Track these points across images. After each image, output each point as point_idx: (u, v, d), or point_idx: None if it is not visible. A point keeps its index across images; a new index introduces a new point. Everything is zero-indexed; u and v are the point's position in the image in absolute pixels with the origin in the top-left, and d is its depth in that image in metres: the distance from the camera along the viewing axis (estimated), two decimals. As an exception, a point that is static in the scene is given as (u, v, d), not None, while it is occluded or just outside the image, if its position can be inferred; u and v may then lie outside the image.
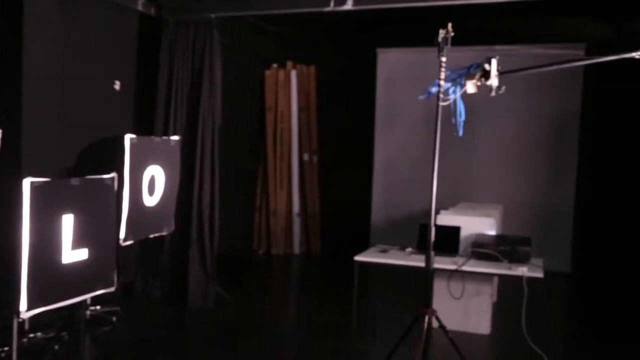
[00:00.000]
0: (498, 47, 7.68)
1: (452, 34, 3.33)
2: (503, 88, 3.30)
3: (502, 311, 5.08)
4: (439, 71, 3.35)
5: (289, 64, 8.30)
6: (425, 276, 3.38)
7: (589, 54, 7.15)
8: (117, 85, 5.66)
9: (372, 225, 8.15)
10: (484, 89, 3.45)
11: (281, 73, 8.25)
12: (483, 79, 3.27)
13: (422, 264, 4.52)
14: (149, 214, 2.95)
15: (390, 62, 8.12)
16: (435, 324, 3.42)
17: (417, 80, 8.08)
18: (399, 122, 8.07)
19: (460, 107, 3.45)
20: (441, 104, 3.36)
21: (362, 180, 8.17)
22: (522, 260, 4.37)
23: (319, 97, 8.36)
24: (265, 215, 8.23)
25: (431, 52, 8.25)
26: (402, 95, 8.02)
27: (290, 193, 8.23)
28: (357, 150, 8.30)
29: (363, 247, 8.04)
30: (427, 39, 8.30)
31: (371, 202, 8.15)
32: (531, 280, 4.14)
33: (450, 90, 3.38)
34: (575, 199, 7.41)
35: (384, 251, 4.82)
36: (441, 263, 4.47)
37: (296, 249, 8.21)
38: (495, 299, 5.12)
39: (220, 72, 5.62)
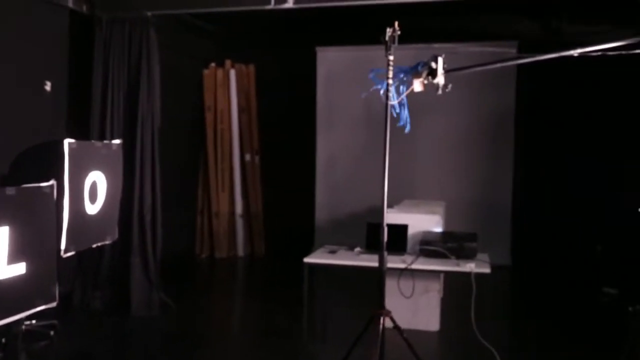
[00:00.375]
0: (436, 45, 7.79)
1: (399, 32, 3.29)
2: (449, 86, 3.32)
3: (448, 307, 5.14)
4: (387, 70, 3.31)
5: (228, 63, 8.16)
6: (379, 276, 3.35)
7: (521, 52, 7.38)
8: (47, 86, 5.37)
9: (316, 225, 8.12)
10: (430, 87, 3.46)
11: (220, 72, 8.09)
12: (430, 77, 3.26)
13: (372, 264, 4.55)
14: (91, 222, 2.80)
15: (330, 60, 8.11)
16: (389, 324, 3.41)
17: (357, 79, 8.07)
18: (340, 121, 8.07)
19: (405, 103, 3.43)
20: (391, 103, 3.32)
21: (305, 179, 8.13)
22: (469, 256, 4.43)
23: (259, 96, 8.26)
24: (208, 217, 8.05)
25: (370, 50, 8.31)
26: (343, 94, 8.03)
27: (232, 194, 8.09)
28: (299, 149, 8.24)
29: (308, 247, 8.03)
30: (366, 38, 8.34)
31: (314, 202, 8.12)
32: (476, 275, 4.20)
33: (400, 89, 3.35)
34: (512, 194, 7.63)
35: (332, 252, 4.78)
36: (390, 262, 4.41)
37: (240, 251, 8.08)
38: (442, 295, 5.18)
39: (158, 72, 5.44)
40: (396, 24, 3.32)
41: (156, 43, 5.39)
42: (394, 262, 4.44)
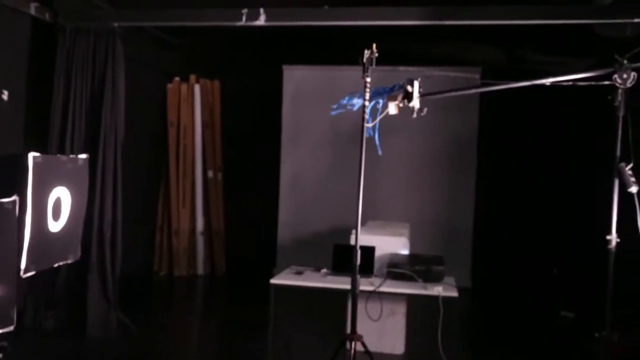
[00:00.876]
0: (402, 68, 7.90)
1: (377, 54, 3.29)
2: (425, 110, 3.32)
3: (411, 330, 5.12)
4: (364, 91, 3.30)
5: (192, 77, 8.05)
6: (351, 299, 3.30)
7: (485, 78, 7.53)
8: (4, 95, 5.16)
9: (278, 244, 8.03)
10: (405, 110, 3.46)
11: (184, 87, 7.97)
12: (405, 101, 3.26)
13: (340, 286, 4.52)
14: (54, 240, 2.66)
15: (297, 79, 8.09)
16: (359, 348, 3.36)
17: (323, 98, 8.11)
18: (305, 140, 8.04)
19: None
20: (367, 125, 3.30)
21: (269, 197, 8.04)
22: (436, 279, 4.43)
23: (223, 112, 8.16)
24: (167, 234, 7.86)
25: (336, 70, 8.38)
26: (308, 113, 8.02)
27: (193, 211, 7.93)
28: (263, 167, 8.16)
29: (270, 266, 7.94)
30: (332, 58, 8.39)
31: (277, 220, 8.04)
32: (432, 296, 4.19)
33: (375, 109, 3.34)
34: (474, 216, 7.72)
35: (299, 273, 4.71)
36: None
37: (200, 270, 7.91)
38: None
39: (123, 84, 5.30)
40: (374, 46, 3.30)
41: (122, 54, 5.26)
42: (361, 284, 4.39)
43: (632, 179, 3.11)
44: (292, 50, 7.94)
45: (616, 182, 3.21)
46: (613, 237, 3.21)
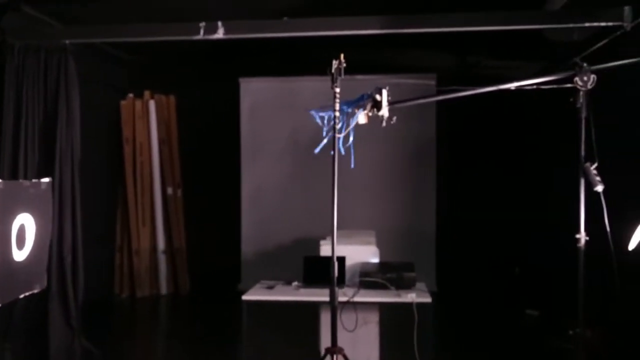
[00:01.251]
0: (358, 77, 7.95)
1: (344, 64, 3.28)
2: (394, 118, 3.33)
3: (385, 338, 5.10)
4: (334, 102, 3.28)
5: (147, 93, 7.89)
6: (332, 312, 3.27)
7: (440, 84, 7.66)
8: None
9: (242, 258, 7.92)
10: (374, 119, 3.46)
11: (138, 103, 7.80)
12: (375, 110, 3.26)
13: (315, 298, 4.48)
14: (19, 270, 2.52)
15: (254, 91, 8.04)
16: None
17: (281, 109, 8.12)
18: (265, 152, 7.98)
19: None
20: (338, 135, 3.28)
21: (230, 212, 7.94)
22: (408, 286, 4.44)
23: (180, 128, 8.02)
24: (128, 254, 7.65)
25: (294, 81, 8.34)
26: (267, 125, 7.98)
27: (154, 229, 7.75)
28: (223, 181, 8.06)
29: (234, 283, 7.82)
30: (289, 69, 8.35)
31: (240, 234, 7.93)
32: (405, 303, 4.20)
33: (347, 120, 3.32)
34: (436, 220, 7.81)
35: (270, 287, 4.63)
36: (326, 295, 4.39)
37: (163, 289, 7.72)
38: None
39: (78, 102, 5.14)
40: (342, 56, 3.29)
41: (75, 72, 5.10)
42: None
43: (598, 178, 3.19)
44: (248, 62, 7.89)
45: (582, 182, 3.27)
46: (582, 236, 3.26)
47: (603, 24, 4.60)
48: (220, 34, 4.88)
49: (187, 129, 8.02)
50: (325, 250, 4.91)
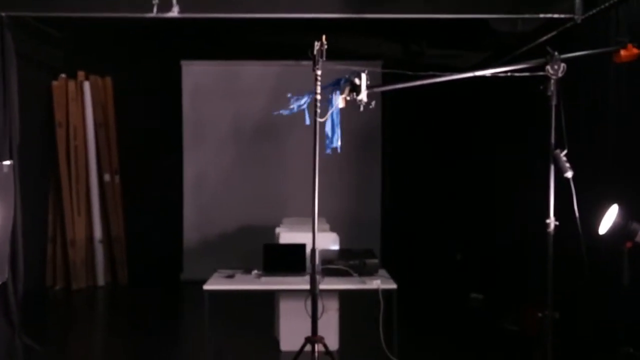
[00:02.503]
0: (304, 63, 7.85)
1: (326, 46, 3.20)
2: (373, 103, 3.28)
3: (343, 324, 5.10)
4: (315, 85, 3.19)
5: (81, 74, 7.45)
6: (312, 301, 3.20)
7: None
8: None
9: (184, 247, 7.69)
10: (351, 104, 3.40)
11: (71, 84, 7.36)
12: (354, 94, 3.20)
13: (277, 287, 4.40)
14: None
15: (196, 75, 7.78)
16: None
17: (225, 94, 7.90)
18: (208, 137, 7.76)
19: (336, 121, 3.33)
20: (319, 120, 3.19)
21: (172, 199, 7.67)
22: (371, 272, 4.44)
23: (118, 111, 7.64)
24: (62, 245, 7.23)
25: (238, 65, 8.14)
26: (210, 110, 7.76)
27: (90, 218, 7.37)
28: (164, 167, 7.76)
29: (176, 272, 7.57)
30: (233, 52, 8.13)
31: (182, 223, 7.69)
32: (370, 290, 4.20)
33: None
34: (381, 207, 7.88)
35: (230, 276, 4.50)
36: (294, 283, 4.34)
37: (100, 281, 7.37)
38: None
39: (16, 80, 4.77)
40: (324, 38, 3.20)
41: (13, 48, 4.72)
42: (297, 283, 4.31)
43: (567, 165, 3.27)
44: (190, 44, 7.60)
45: (552, 168, 3.35)
46: (551, 221, 3.35)
47: (555, 15, 4.73)
48: (175, 13, 4.64)
49: (126, 112, 7.64)
50: (285, 237, 4.81)
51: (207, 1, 4.73)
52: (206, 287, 4.16)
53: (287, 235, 4.85)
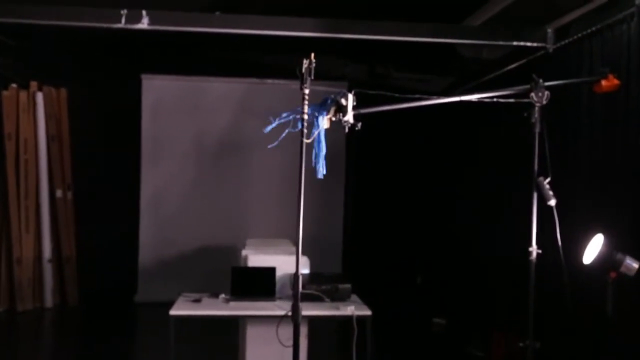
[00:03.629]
0: (269, 81, 7.77)
1: (314, 64, 3.09)
2: (359, 125, 3.19)
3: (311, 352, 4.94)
4: (302, 104, 3.07)
5: (33, 84, 7.11)
6: (295, 328, 3.05)
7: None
8: None
9: (140, 268, 7.38)
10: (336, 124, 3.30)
11: (23, 95, 7.01)
12: (340, 115, 3.11)
13: (248, 312, 4.21)
14: None
15: (157, 89, 7.55)
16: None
17: (186, 109, 7.68)
18: (168, 154, 7.53)
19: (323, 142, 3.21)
20: (306, 140, 3.07)
21: (128, 218, 7.37)
22: (343, 298, 4.32)
23: (73, 124, 7.31)
24: (7, 263, 6.80)
25: (200, 81, 7.96)
26: (170, 126, 7.54)
27: (39, 236, 6.98)
28: (120, 184, 7.47)
29: (130, 294, 7.24)
30: (194, 68, 7.94)
31: (138, 243, 7.38)
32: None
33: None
34: (343, 231, 7.79)
35: (196, 300, 4.28)
36: (264, 309, 4.18)
37: (48, 302, 6.96)
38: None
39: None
40: (312, 55, 3.10)
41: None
42: (268, 308, 4.16)
43: (550, 193, 3.26)
44: (151, 58, 7.39)
45: (535, 196, 3.33)
46: (534, 249, 3.32)
47: (528, 44, 4.80)
48: (144, 24, 4.47)
49: (81, 126, 7.32)
50: (253, 260, 4.64)
51: (179, 15, 4.58)
52: (173, 312, 3.94)
53: (256, 258, 4.68)
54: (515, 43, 4.79)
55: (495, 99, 3.38)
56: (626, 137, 3.76)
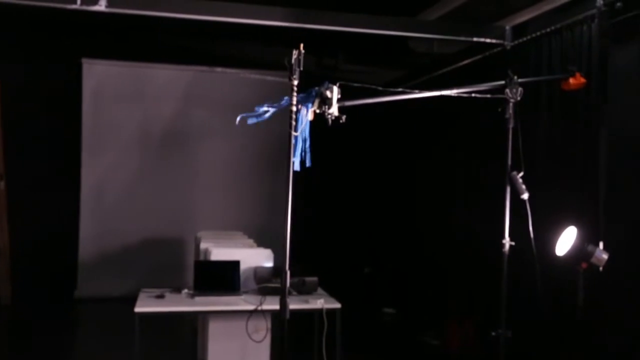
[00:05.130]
0: (218, 69, 7.59)
1: (303, 53, 3.03)
2: (343, 117, 3.16)
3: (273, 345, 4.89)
4: (291, 96, 3.00)
5: (-40, 68, 6.60)
6: (281, 325, 2.99)
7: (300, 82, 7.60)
8: None
9: (80, 262, 7.05)
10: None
11: (-51, 78, 6.50)
12: (326, 107, 3.06)
13: (215, 308, 4.10)
14: None
15: (98, 75, 7.21)
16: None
17: (130, 96, 7.37)
18: (110, 143, 7.22)
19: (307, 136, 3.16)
20: (294, 133, 3.01)
21: (67, 209, 7.02)
22: (310, 291, 4.30)
23: (5, 110, 6.84)
24: None
25: (145, 67, 7.66)
26: (113, 114, 7.22)
27: (-31, 229, 6.52)
28: (58, 174, 7.10)
29: (69, 289, 6.89)
30: (140, 53, 7.63)
31: (78, 235, 7.04)
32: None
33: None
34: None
35: (160, 297, 4.12)
36: (230, 303, 4.09)
37: (-22, 300, 6.53)
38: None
39: None
40: (301, 46, 3.03)
41: None
42: (234, 303, 4.07)
43: (523, 187, 3.36)
44: (94, 41, 7.04)
45: (508, 190, 3.43)
46: (506, 241, 3.42)
47: (488, 40, 4.92)
48: (102, 6, 4.23)
49: (15, 113, 6.84)
50: (216, 254, 4.51)
51: (139, -3, 4.36)
52: (137, 309, 3.77)
53: (218, 251, 4.56)
54: (475, 39, 4.88)
55: (472, 95, 3.43)
56: (587, 133, 3.93)
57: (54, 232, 6.99)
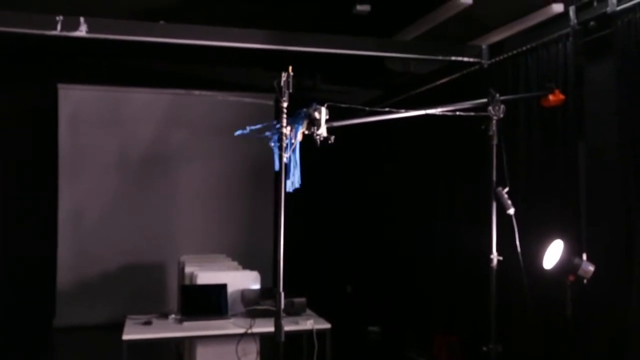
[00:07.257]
0: (196, 92, 7.58)
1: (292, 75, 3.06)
2: (332, 138, 3.19)
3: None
4: (281, 118, 3.02)
5: None
6: (276, 348, 2.97)
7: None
8: None
9: (58, 289, 6.91)
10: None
11: None
12: (315, 128, 3.09)
13: (204, 333, 4.06)
14: None
15: (75, 99, 7.16)
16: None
17: (107, 121, 7.31)
18: (88, 168, 7.14)
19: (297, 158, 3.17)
20: (285, 155, 3.02)
21: (44, 234, 6.91)
22: (299, 312, 4.29)
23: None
24: None
25: (122, 92, 7.61)
26: (91, 138, 7.16)
27: (-57, 259, 6.35)
28: (35, 199, 6.98)
29: (48, 317, 6.74)
30: (116, 78, 7.59)
31: (56, 261, 6.91)
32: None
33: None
34: (273, 241, 7.71)
35: (147, 323, 4.07)
36: (219, 327, 4.05)
37: (-47, 331, 6.34)
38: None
39: None
40: (290, 68, 3.06)
41: None
42: (223, 327, 4.04)
43: (509, 202, 3.42)
44: (68, 66, 6.96)
45: (494, 205, 3.48)
46: (494, 256, 3.47)
47: (465, 59, 5.02)
48: (82, 32, 4.21)
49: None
50: (203, 278, 4.48)
51: (120, 23, 4.35)
52: (125, 336, 3.71)
53: (204, 275, 4.53)
54: (453, 58, 4.98)
55: (457, 112, 3.50)
56: (565, 147, 4.03)
57: (32, 259, 6.85)
